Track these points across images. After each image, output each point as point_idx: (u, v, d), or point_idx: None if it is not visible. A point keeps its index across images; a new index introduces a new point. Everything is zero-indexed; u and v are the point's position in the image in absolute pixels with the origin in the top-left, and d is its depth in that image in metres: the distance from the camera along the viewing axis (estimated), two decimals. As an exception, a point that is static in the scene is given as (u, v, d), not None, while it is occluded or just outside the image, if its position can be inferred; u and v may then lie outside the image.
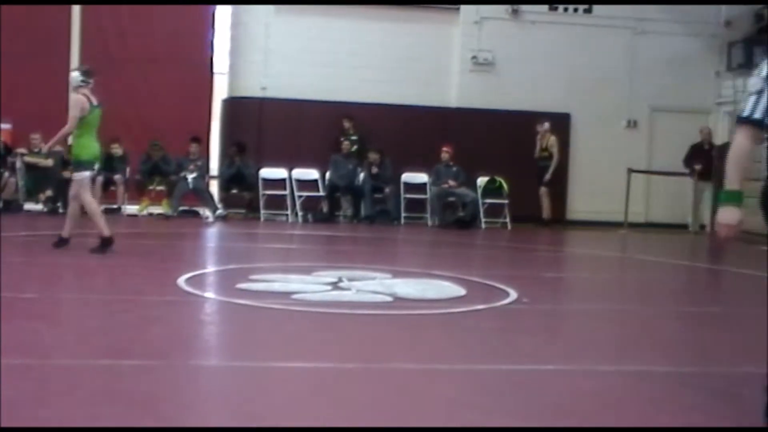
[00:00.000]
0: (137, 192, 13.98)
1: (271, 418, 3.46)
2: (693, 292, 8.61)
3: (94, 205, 8.92)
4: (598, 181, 15.39)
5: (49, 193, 13.41)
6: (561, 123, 15.55)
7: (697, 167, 14.52)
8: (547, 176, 14.57)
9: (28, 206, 13.54)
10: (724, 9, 15.65)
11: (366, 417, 3.54)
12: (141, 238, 11.27)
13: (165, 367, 4.25)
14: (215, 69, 15.22)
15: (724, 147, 14.39)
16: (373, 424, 3.44)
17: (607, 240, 13.54)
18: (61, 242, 8.79)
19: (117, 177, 13.72)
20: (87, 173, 8.79)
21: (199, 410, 3.62)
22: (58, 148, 13.16)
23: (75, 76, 8.90)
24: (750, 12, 15.50)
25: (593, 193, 15.44)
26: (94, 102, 8.78)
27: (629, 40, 15.74)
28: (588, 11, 15.74)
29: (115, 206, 13.79)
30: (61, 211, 13.18)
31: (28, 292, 6.55)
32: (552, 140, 14.63)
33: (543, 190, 14.61)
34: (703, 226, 14.74)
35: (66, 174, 13.39)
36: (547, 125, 14.62)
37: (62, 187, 13.43)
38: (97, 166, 9.14)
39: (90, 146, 8.77)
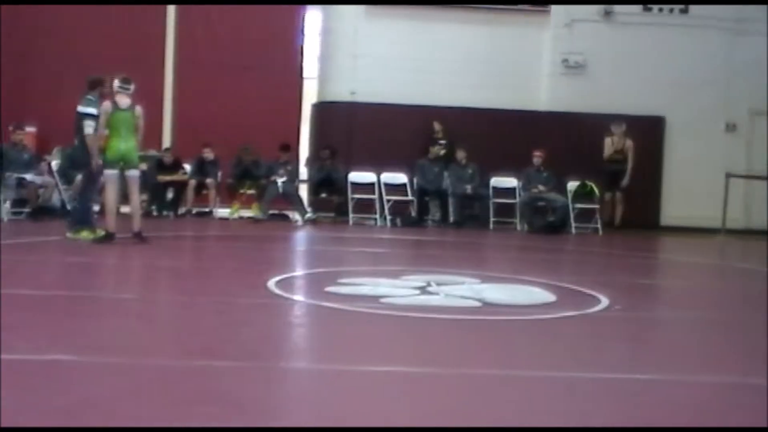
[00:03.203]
0: (228, 195, 14.26)
1: (357, 421, 3.46)
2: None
3: (111, 203, 9.53)
4: (694, 186, 14.99)
5: (144, 197, 13.75)
6: (655, 126, 15.22)
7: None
8: (626, 180, 14.21)
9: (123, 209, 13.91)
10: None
11: (449, 422, 3.50)
12: (232, 240, 11.48)
13: (255, 368, 4.30)
14: (305, 74, 15.41)
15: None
16: (458, 429, 3.40)
17: (704, 246, 13.17)
18: (137, 236, 9.42)
19: (209, 181, 14.02)
20: (111, 171, 9.47)
21: (288, 412, 3.64)
22: (152, 152, 13.61)
23: (115, 83, 9.58)
24: None
25: (689, 197, 15.05)
26: (121, 106, 9.44)
27: (727, 41, 15.29)
28: (684, 11, 15.36)
29: (206, 209, 14.09)
30: (155, 213, 13.55)
31: (123, 293, 6.74)
32: (629, 143, 14.26)
33: (618, 195, 14.25)
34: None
35: (160, 178, 13.81)
36: (623, 126, 14.27)
37: (156, 191, 13.83)
38: (122, 165, 9.57)
39: (114, 147, 9.44)
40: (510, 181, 14.53)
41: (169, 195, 14.08)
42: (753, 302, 7.84)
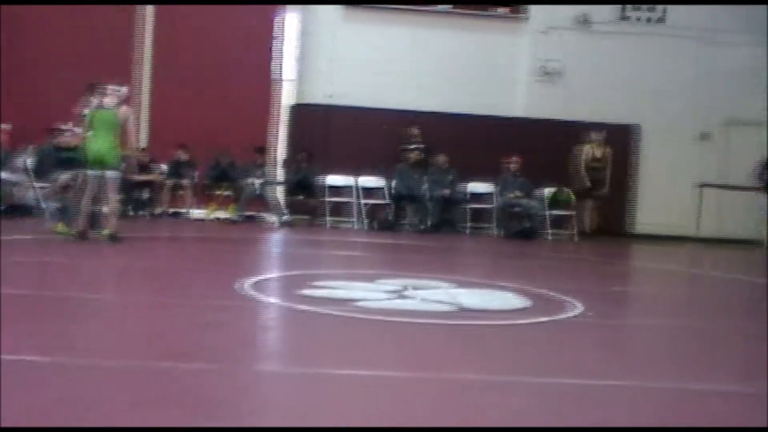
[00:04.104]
0: (204, 197, 14.20)
1: (330, 425, 3.44)
2: (763, 309, 8.35)
3: (83, 203, 9.59)
4: (667, 194, 15.13)
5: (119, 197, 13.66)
6: (630, 134, 15.33)
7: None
8: (605, 189, 14.29)
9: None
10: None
11: (425, 425, 3.50)
12: (207, 242, 11.42)
13: (227, 371, 4.27)
14: (283, 76, 15.38)
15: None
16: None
17: (677, 254, 13.26)
18: (114, 238, 9.44)
19: (184, 182, 13.95)
20: (89, 171, 9.57)
21: (260, 415, 3.62)
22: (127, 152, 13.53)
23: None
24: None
25: (662, 206, 15.18)
26: (105, 105, 9.56)
27: (702, 51, 15.44)
28: (660, 20, 15.49)
29: (182, 210, 14.03)
30: (130, 214, 13.46)
31: (94, 293, 6.68)
32: (608, 151, 14.34)
33: (595, 203, 14.32)
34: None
35: (135, 178, 13.72)
36: (604, 134, 14.34)
37: (131, 191, 13.73)
38: (96, 166, 9.60)
39: (90, 147, 9.55)
40: (486, 187, 14.56)
41: (145, 195, 13.99)
42: (724, 310, 7.91)
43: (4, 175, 12.43)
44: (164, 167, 14.16)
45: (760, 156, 14.54)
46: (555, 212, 14.35)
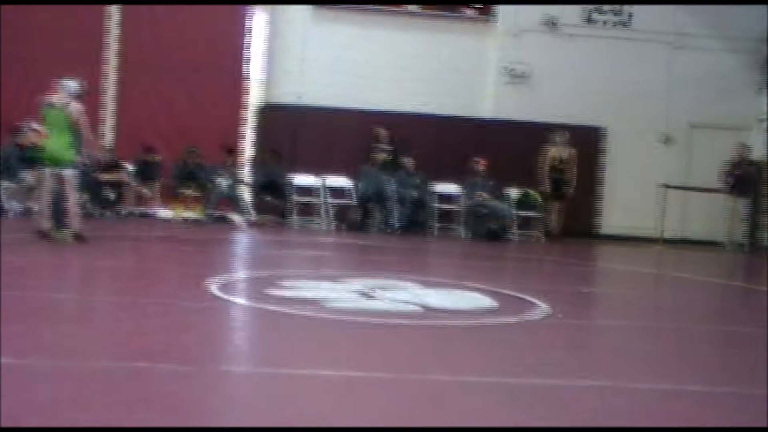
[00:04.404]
0: (171, 197, 14.10)
1: (299, 425, 3.43)
2: (728, 311, 8.48)
3: (42, 201, 9.59)
4: (632, 196, 15.28)
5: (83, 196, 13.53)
6: (596, 137, 15.47)
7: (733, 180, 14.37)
8: (572, 190, 14.38)
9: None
10: (766, 25, 15.47)
11: (395, 426, 3.50)
12: (173, 242, 11.35)
13: (197, 372, 4.25)
14: (251, 76, 15.32)
15: (763, 164, 14.31)
16: (404, 435, 3.41)
17: (642, 256, 13.40)
18: (78, 237, 9.34)
19: (151, 182, 13.86)
20: (45, 170, 9.49)
21: (229, 416, 3.60)
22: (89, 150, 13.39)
23: None
24: (791, 28, 15.37)
25: (627, 207, 15.34)
26: (54, 102, 9.42)
27: (668, 55, 15.63)
28: (626, 25, 15.64)
29: (149, 211, 13.92)
30: (95, 214, 13.33)
31: (61, 294, 6.61)
32: (572, 153, 14.43)
33: (562, 204, 14.40)
34: (741, 245, 14.54)
35: (100, 177, 13.59)
36: (567, 135, 14.44)
37: (95, 190, 13.61)
38: (51, 164, 9.49)
39: (45, 145, 9.52)
40: (453, 188, 14.62)
41: (111, 195, 13.86)
42: (689, 312, 8.00)
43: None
44: (131, 167, 14.04)
45: (723, 159, 14.73)
46: (522, 213, 14.44)
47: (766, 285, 10.83)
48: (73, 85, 9.44)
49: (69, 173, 9.39)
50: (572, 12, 15.62)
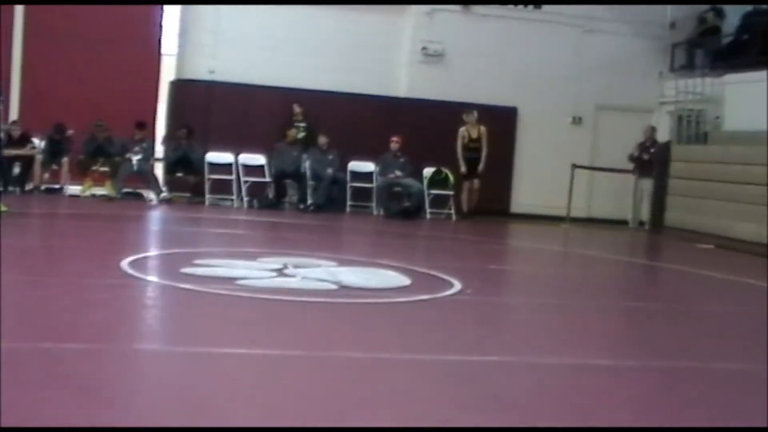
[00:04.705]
0: (80, 173, 13.77)
1: (215, 404, 3.46)
2: (632, 287, 8.79)
3: None
4: (542, 176, 15.60)
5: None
6: (508, 117, 15.72)
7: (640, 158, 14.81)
8: (481, 167, 14.56)
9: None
10: (670, 11, 15.94)
11: (310, 405, 3.56)
12: (83, 219, 11.12)
13: (107, 351, 4.22)
14: (163, 50, 15.04)
15: (665, 146, 14.79)
16: (318, 412, 3.46)
17: (550, 234, 13.73)
18: None
19: (60, 158, 13.52)
20: None
21: (143, 395, 3.60)
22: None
23: None
24: (693, 15, 15.86)
25: (538, 187, 15.66)
26: None
27: (577, 38, 15.96)
28: (537, 7, 15.91)
29: (56, 186, 13.59)
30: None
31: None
32: (483, 130, 14.62)
33: (476, 182, 14.61)
34: (642, 223, 15.03)
35: (6, 152, 13.18)
36: (475, 114, 14.62)
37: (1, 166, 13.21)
38: None
39: None
40: (367, 166, 14.68)
41: (16, 170, 13.47)
42: (595, 288, 8.27)
43: None
44: (37, 142, 13.65)
45: (628, 140, 15.15)
46: (434, 192, 14.60)
47: (666, 262, 11.26)
48: None
49: None
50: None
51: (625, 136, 15.25)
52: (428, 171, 14.69)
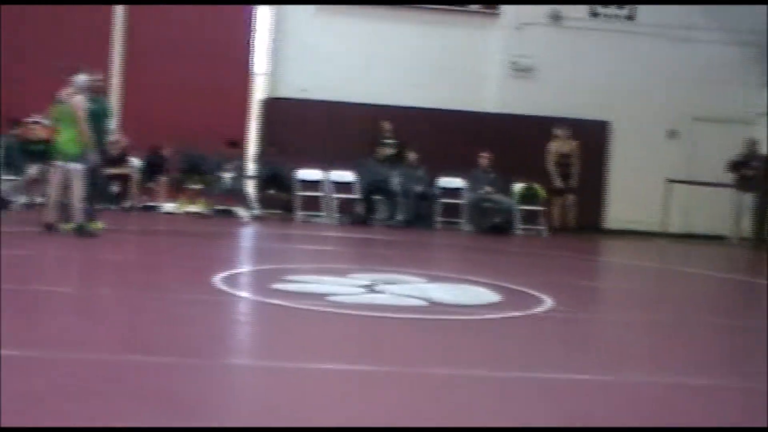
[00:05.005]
0: (174, 190, 14.09)
1: (303, 419, 3.44)
2: (730, 304, 8.47)
3: (51, 194, 9.68)
4: (637, 190, 15.23)
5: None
6: (600, 131, 15.44)
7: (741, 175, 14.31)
8: (574, 182, 14.35)
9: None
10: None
11: (397, 420, 3.51)
12: (177, 236, 11.36)
13: (198, 365, 4.26)
14: (255, 70, 15.31)
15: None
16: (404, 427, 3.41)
17: (646, 250, 13.39)
18: (80, 231, 9.30)
19: (157, 175, 13.90)
20: (56, 164, 9.60)
21: (231, 410, 3.61)
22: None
23: None
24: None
25: (632, 201, 15.29)
26: (62, 97, 9.55)
27: (672, 48, 15.55)
28: (630, 18, 15.61)
29: (153, 204, 13.94)
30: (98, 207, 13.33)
31: (64, 287, 6.63)
32: (574, 145, 14.41)
33: (570, 197, 14.40)
34: (744, 239, 14.52)
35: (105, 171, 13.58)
36: (567, 129, 14.41)
37: (100, 184, 13.61)
38: (60, 158, 9.61)
39: (55, 140, 9.68)
40: (456, 182, 14.60)
41: (114, 189, 13.86)
42: (693, 305, 8.00)
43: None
44: (135, 160, 14.04)
45: (726, 152, 14.68)
46: (525, 207, 14.42)
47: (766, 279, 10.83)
48: (81, 78, 9.50)
49: (74, 167, 9.42)
50: (576, 6, 15.58)
51: (724, 149, 14.76)
52: (518, 186, 14.52)
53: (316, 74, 14.94)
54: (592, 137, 14.90)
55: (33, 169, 12.79)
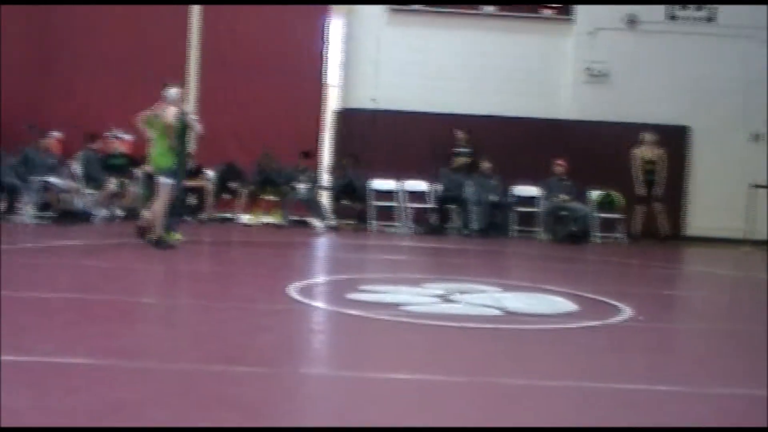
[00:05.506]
0: (250, 201, 14.29)
1: (376, 427, 3.43)
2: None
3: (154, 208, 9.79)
4: (719, 196, 14.86)
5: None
6: (679, 136, 15.13)
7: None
8: (661, 190, 14.10)
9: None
10: None
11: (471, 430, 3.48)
12: (252, 246, 11.50)
13: (274, 374, 4.29)
14: (327, 81, 15.44)
15: None
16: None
17: (728, 258, 13.04)
18: (158, 243, 9.50)
19: (234, 186, 14.12)
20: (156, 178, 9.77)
21: (307, 418, 3.63)
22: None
23: None
24: None
25: (714, 208, 14.93)
26: (157, 111, 9.75)
27: (751, 50, 15.15)
28: (710, 20, 15.26)
29: (228, 215, 14.15)
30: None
31: (146, 297, 6.76)
32: (660, 152, 14.15)
33: (658, 206, 14.14)
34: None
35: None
36: (653, 135, 14.16)
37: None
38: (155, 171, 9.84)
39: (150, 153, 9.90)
40: (532, 190, 14.47)
41: (190, 200, 14.12)
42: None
43: (55, 181, 12.65)
44: (210, 173, 14.29)
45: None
46: (602, 215, 14.20)
47: None
48: (172, 91, 9.71)
49: (162, 180, 9.54)
50: (652, 9, 15.31)
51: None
52: (595, 194, 14.31)
53: (387, 85, 15.01)
54: (671, 143, 14.61)
55: (112, 183, 13.13)
